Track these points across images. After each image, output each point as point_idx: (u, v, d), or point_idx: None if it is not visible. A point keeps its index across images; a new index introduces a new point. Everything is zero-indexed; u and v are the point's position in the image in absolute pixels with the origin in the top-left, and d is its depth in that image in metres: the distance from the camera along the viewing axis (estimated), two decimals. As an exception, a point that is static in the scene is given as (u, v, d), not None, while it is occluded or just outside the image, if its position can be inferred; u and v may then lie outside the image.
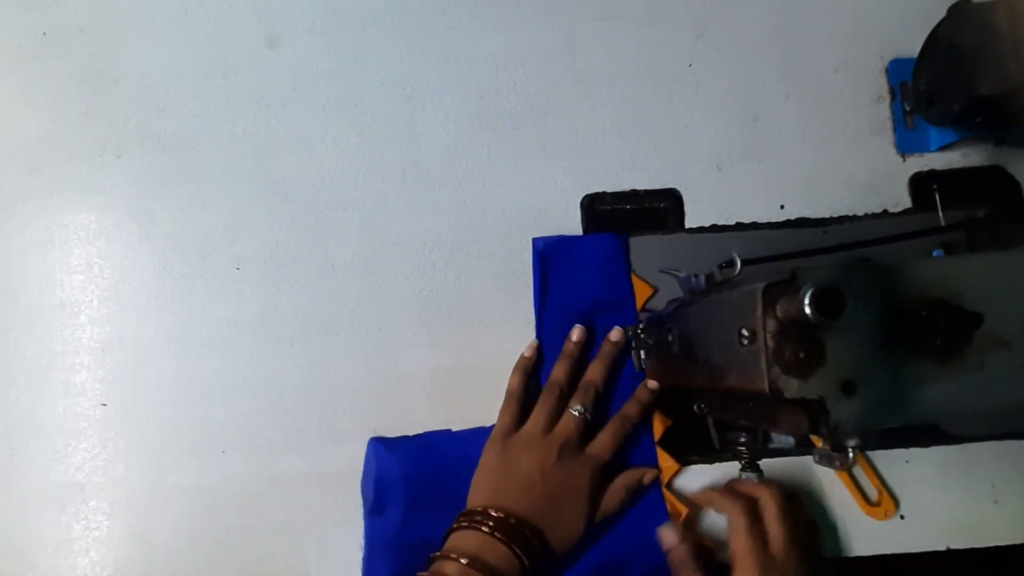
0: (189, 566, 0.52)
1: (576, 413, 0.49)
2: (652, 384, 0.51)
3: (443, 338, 0.54)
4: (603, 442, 0.49)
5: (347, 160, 0.55)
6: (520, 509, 0.45)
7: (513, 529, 0.44)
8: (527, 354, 0.52)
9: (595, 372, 0.51)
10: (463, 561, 0.42)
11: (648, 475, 0.50)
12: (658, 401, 0.51)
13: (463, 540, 0.44)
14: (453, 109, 0.56)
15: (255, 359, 0.53)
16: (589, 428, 0.49)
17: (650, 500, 0.51)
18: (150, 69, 0.56)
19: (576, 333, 0.52)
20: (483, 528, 0.44)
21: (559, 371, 0.51)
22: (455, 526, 0.46)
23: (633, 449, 0.52)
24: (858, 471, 0.52)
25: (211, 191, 0.55)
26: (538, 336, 0.53)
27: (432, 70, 0.56)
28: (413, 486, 0.50)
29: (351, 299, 0.54)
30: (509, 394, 0.51)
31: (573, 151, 0.56)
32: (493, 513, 0.45)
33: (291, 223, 0.55)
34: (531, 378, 0.52)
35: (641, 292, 0.54)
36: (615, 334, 0.52)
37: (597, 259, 0.54)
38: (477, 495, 0.48)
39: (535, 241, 0.54)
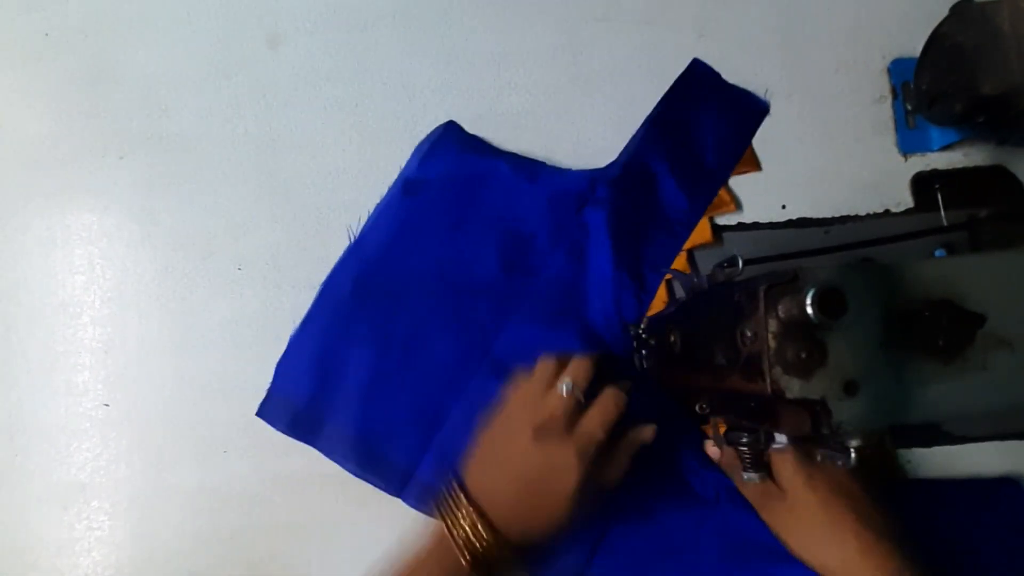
0: (191, 566, 0.52)
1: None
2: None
3: (444, 338, 0.54)
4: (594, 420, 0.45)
5: (348, 160, 0.55)
6: (497, 510, 0.43)
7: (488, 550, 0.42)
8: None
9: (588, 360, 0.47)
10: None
11: (647, 432, 0.46)
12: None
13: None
14: (454, 109, 0.56)
15: (257, 359, 0.53)
16: (579, 408, 0.45)
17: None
18: (152, 70, 0.56)
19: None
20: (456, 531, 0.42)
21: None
22: (438, 505, 0.44)
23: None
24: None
25: (213, 191, 0.55)
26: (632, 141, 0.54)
27: (433, 70, 0.56)
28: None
29: (352, 299, 0.54)
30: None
31: (574, 151, 0.56)
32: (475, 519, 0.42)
33: (292, 223, 0.55)
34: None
35: (747, 165, 0.54)
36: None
37: (736, 114, 0.55)
38: (466, 471, 0.45)
39: (695, 61, 0.55)
